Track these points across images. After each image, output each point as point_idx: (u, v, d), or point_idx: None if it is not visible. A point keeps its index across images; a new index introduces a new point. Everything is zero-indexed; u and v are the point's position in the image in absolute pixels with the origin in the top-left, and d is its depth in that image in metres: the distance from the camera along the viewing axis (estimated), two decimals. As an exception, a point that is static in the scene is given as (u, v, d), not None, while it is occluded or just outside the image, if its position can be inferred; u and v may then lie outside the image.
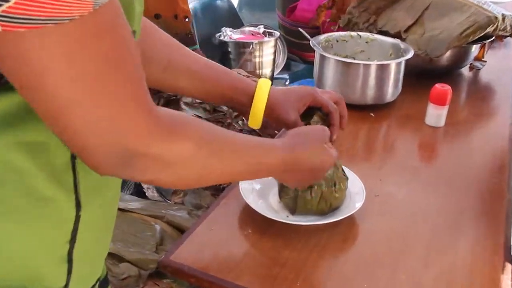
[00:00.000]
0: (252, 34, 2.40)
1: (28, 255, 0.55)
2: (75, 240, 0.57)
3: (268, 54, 2.34)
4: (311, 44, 1.42)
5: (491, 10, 1.48)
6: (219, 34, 2.35)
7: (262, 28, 2.46)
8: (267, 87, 0.88)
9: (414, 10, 1.56)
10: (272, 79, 2.46)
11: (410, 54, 1.36)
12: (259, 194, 0.94)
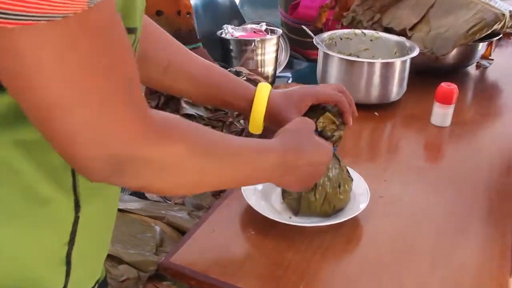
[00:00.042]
0: (254, 32, 2.40)
1: (25, 257, 0.55)
2: (73, 242, 0.57)
3: (270, 52, 2.33)
4: (314, 42, 1.42)
5: (498, 7, 1.47)
6: (220, 31, 2.34)
7: (264, 26, 2.45)
8: (266, 91, 0.88)
9: (419, 8, 1.56)
10: (274, 77, 2.45)
11: (416, 52, 1.36)
12: (261, 195, 0.94)
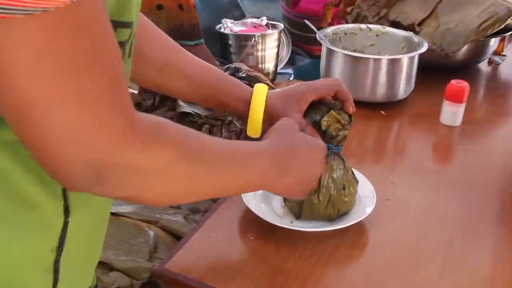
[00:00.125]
0: (254, 26, 2.40)
1: (9, 263, 0.54)
2: (62, 248, 0.57)
3: (271, 48, 2.33)
4: (317, 37, 1.41)
5: (510, 0, 1.47)
6: (219, 26, 2.34)
7: (265, 20, 2.45)
8: (264, 92, 0.88)
9: (427, 3, 1.56)
10: (275, 74, 2.45)
11: (424, 48, 1.36)
12: (261, 197, 0.94)
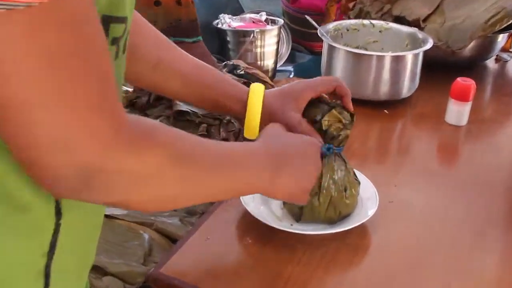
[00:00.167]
0: (253, 22, 2.40)
1: (-2, 267, 0.54)
2: (53, 252, 0.56)
3: (270, 44, 2.33)
4: (318, 33, 1.41)
5: (519, -5, 1.47)
6: (216, 21, 2.34)
7: (264, 15, 2.45)
8: (260, 92, 0.88)
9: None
10: (275, 71, 2.45)
11: (429, 44, 1.36)
12: (260, 199, 0.94)
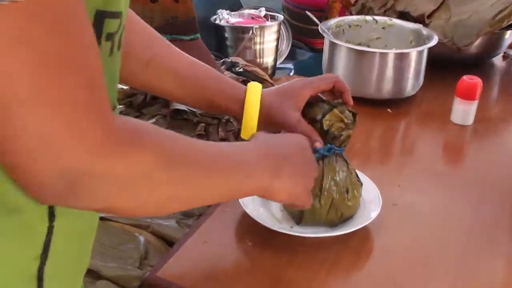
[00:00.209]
0: (252, 18, 2.40)
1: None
2: (47, 255, 0.56)
3: (270, 41, 2.34)
4: (319, 30, 1.41)
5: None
6: (214, 17, 2.34)
7: (263, 11, 2.46)
8: (258, 91, 0.88)
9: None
10: (274, 69, 2.45)
11: (434, 41, 1.36)
12: (260, 201, 0.94)
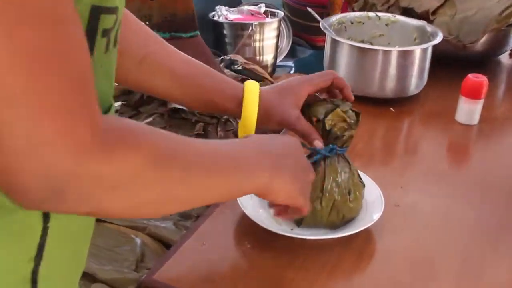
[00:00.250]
0: (251, 14, 2.40)
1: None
2: (41, 257, 0.57)
3: (270, 38, 2.34)
4: (321, 27, 1.41)
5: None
6: (212, 13, 2.34)
7: (263, 7, 2.46)
8: (255, 91, 0.88)
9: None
10: (274, 66, 2.45)
11: (439, 38, 1.36)
12: (259, 202, 0.94)
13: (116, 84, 1.45)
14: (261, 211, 0.93)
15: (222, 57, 2.02)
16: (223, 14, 2.34)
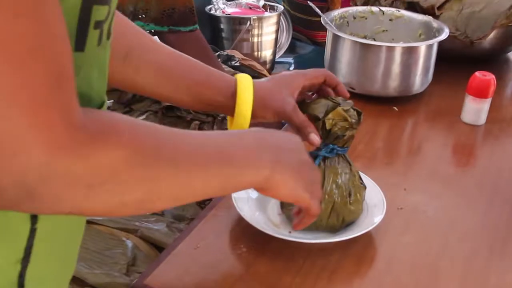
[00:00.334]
0: (250, 8, 2.40)
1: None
2: (28, 260, 0.57)
3: (269, 33, 2.33)
4: (322, 21, 1.41)
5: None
6: (209, 7, 2.34)
7: (262, 1, 2.46)
8: (249, 85, 0.88)
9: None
10: (273, 63, 2.45)
11: (445, 34, 1.36)
12: (256, 204, 0.94)
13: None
14: (257, 214, 0.93)
15: (218, 52, 2.02)
16: (220, 8, 2.34)
